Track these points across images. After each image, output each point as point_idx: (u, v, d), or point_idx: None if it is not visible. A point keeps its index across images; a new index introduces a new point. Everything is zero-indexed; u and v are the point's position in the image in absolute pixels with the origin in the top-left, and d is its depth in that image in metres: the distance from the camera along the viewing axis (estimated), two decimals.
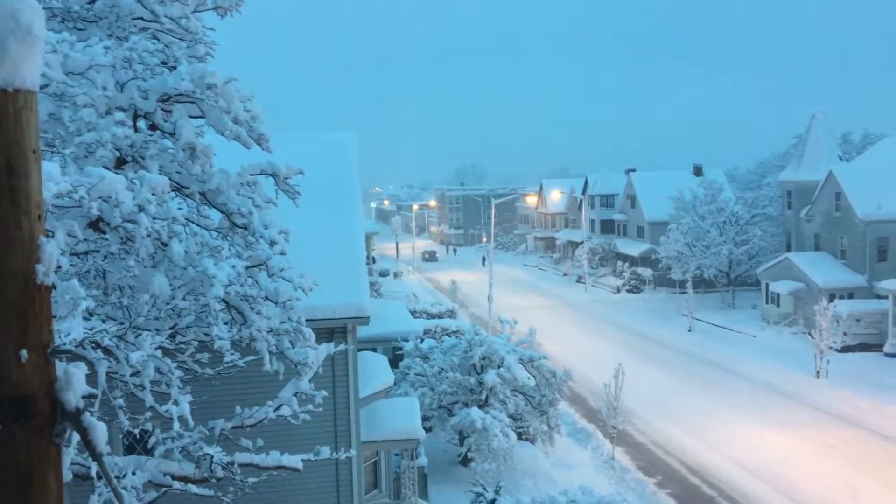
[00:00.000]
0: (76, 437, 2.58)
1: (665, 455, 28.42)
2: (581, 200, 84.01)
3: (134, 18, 10.26)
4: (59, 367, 2.22)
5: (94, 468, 6.10)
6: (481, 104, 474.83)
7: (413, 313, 40.60)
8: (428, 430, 23.48)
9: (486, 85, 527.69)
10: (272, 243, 9.37)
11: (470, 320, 46.52)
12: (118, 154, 8.45)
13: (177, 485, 8.71)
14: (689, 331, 49.95)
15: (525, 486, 24.00)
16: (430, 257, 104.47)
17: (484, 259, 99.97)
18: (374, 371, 18.01)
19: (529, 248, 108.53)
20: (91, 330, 6.73)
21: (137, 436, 13.82)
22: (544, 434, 25.82)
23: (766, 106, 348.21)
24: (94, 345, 5.94)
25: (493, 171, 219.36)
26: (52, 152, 8.02)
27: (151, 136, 8.72)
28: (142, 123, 9.04)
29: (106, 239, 7.38)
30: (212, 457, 8.81)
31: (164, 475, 8.66)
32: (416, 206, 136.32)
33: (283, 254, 9.45)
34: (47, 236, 2.14)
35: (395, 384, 22.06)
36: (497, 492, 19.42)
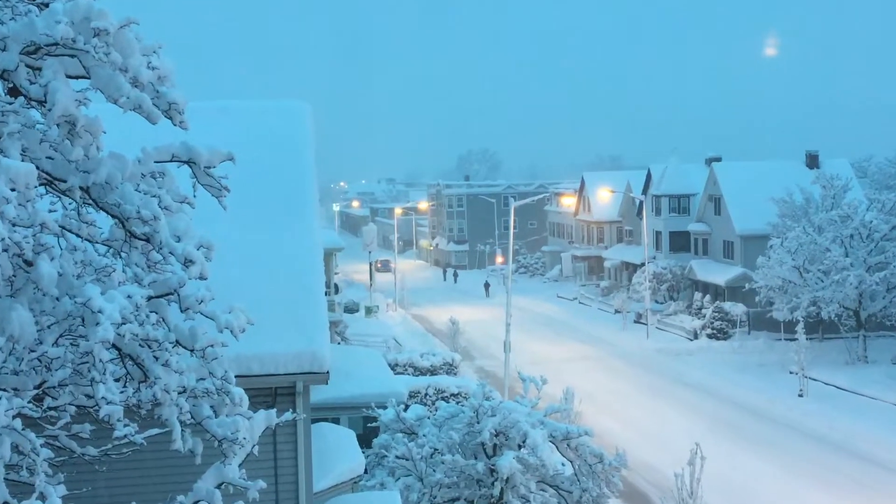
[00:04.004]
0: None
1: None
2: (641, 203, 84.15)
3: None
4: None
5: None
6: (493, 70, 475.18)
7: (394, 367, 40.48)
8: None
9: (501, 45, 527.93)
10: (187, 262, 9.36)
11: (477, 378, 46.41)
12: None
13: None
14: (801, 395, 49.84)
15: None
16: (383, 266, 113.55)
17: (487, 286, 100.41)
18: (336, 452, 17.95)
19: (566, 273, 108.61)
20: None
21: None
22: None
23: None
24: None
25: (512, 160, 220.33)
26: None
27: (11, 104, 8.74)
28: None
29: None
30: None
31: None
32: (398, 210, 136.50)
33: (202, 278, 9.44)
34: None
35: (366, 471, 22.00)
36: None
